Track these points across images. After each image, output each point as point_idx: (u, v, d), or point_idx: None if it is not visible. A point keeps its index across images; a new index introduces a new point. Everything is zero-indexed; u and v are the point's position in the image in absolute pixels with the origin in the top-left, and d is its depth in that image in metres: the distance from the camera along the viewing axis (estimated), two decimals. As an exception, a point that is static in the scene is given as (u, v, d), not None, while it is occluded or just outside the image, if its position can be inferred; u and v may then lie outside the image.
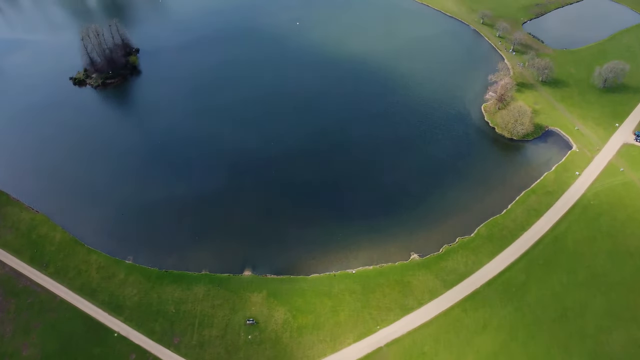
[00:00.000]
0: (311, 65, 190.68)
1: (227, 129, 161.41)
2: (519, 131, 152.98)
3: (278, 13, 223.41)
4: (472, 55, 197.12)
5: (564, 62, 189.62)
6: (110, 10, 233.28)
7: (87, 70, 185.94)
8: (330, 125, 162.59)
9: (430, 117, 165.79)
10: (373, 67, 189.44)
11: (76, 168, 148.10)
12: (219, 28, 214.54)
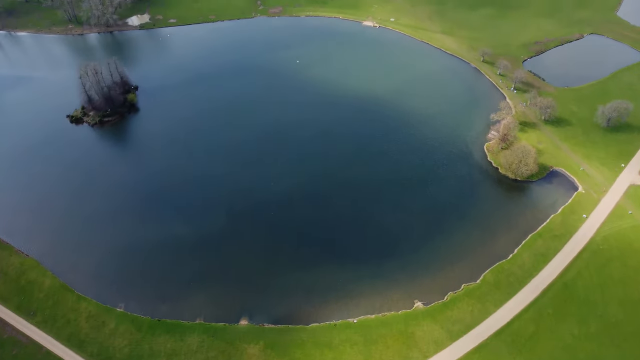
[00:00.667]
0: (311, 103, 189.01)
1: (225, 169, 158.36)
2: (524, 172, 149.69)
3: (278, 51, 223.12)
4: (473, 93, 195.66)
5: (565, 100, 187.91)
6: (111, 48, 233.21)
7: (84, 108, 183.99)
8: (330, 165, 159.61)
9: (432, 156, 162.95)
10: (374, 105, 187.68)
11: (69, 208, 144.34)
12: (219, 65, 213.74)
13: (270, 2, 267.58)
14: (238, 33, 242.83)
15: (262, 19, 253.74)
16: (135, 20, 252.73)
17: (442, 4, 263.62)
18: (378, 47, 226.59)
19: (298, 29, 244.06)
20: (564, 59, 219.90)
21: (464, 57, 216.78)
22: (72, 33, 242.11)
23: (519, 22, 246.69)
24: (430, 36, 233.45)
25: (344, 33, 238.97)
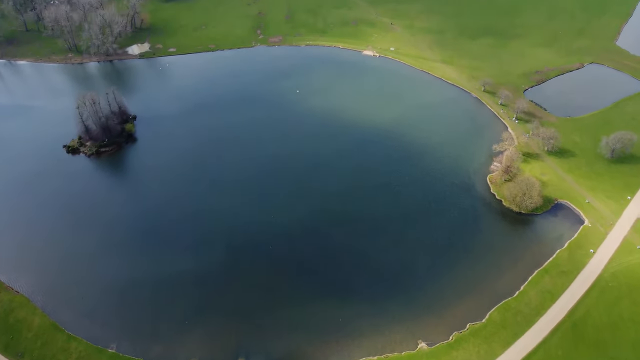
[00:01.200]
0: (311, 134, 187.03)
1: (223, 201, 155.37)
2: (528, 205, 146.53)
3: (278, 80, 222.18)
4: (475, 123, 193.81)
5: (568, 130, 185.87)
6: (111, 77, 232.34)
7: (81, 138, 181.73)
8: (331, 197, 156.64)
9: (435, 188, 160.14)
10: (374, 135, 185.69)
11: (62, 243, 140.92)
12: (218, 95, 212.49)
13: (270, 32, 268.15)
14: (238, 62, 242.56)
15: (262, 48, 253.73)
16: (135, 49, 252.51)
17: (441, 34, 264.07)
18: (378, 77, 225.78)
19: (298, 58, 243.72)
20: (565, 89, 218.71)
21: (464, 87, 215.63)
22: (71, 62, 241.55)
23: (518, 52, 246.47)
24: (430, 65, 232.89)
25: (344, 62, 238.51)
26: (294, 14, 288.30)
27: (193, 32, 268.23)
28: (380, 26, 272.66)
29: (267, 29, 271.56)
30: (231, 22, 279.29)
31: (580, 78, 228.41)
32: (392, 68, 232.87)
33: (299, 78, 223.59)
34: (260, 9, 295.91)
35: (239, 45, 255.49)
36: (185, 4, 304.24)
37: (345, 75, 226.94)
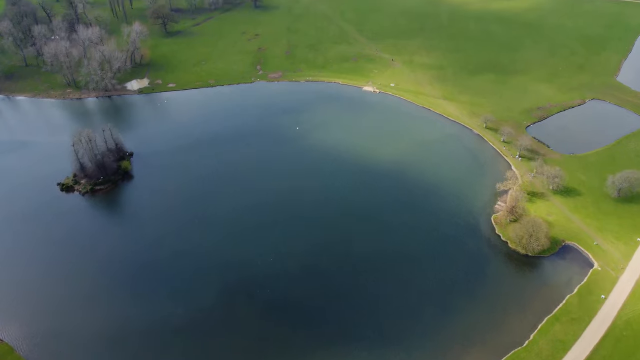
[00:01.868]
0: (311, 171, 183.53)
1: (220, 241, 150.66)
2: (535, 247, 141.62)
3: (277, 116, 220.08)
4: (477, 161, 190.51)
5: (572, 168, 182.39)
6: (109, 112, 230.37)
7: (76, 176, 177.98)
8: (331, 238, 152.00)
9: (438, 228, 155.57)
10: (376, 172, 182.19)
11: (51, 286, 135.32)
12: (217, 131, 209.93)
13: (269, 67, 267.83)
14: (237, 98, 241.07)
15: (262, 83, 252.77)
16: (135, 85, 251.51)
17: (442, 69, 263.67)
18: (379, 113, 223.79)
19: (298, 94, 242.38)
20: (567, 125, 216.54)
21: (466, 124, 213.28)
22: (70, 97, 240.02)
23: (519, 88, 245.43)
24: (431, 101, 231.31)
25: (344, 98, 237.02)
26: (294, 50, 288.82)
27: (193, 68, 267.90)
28: (380, 62, 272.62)
29: (267, 64, 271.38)
30: (231, 58, 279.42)
31: (582, 114, 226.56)
32: (393, 104, 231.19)
33: (298, 114, 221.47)
34: (260, 45, 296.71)
35: (239, 81, 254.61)
36: (185, 39, 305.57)
37: (345, 111, 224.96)
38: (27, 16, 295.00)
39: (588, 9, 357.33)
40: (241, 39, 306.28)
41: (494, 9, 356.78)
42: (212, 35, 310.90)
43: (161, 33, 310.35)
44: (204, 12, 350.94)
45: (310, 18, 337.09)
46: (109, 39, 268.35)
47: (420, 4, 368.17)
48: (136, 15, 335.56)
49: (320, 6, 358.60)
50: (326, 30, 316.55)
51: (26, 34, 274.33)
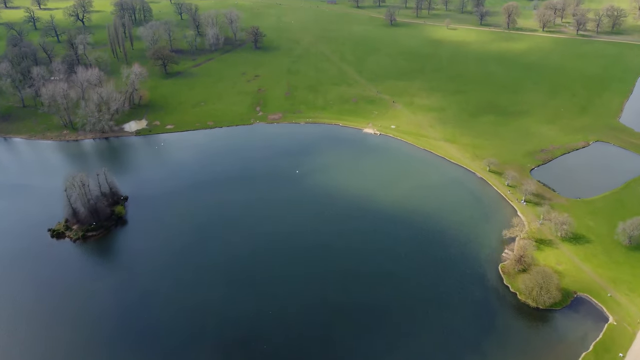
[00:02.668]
0: (310, 217, 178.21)
1: (216, 291, 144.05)
2: (546, 300, 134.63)
3: (276, 159, 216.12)
4: (482, 206, 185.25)
5: (580, 214, 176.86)
6: (105, 155, 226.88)
7: (67, 222, 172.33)
8: (331, 287, 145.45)
9: (444, 277, 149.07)
10: (377, 218, 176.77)
11: (35, 344, 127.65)
12: (215, 174, 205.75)
13: (269, 109, 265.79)
14: (236, 140, 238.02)
15: (261, 125, 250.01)
16: (133, 126, 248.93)
17: (442, 111, 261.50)
18: (380, 156, 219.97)
19: (297, 136, 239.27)
20: (572, 168, 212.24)
21: (468, 167, 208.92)
22: (66, 139, 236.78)
23: (521, 130, 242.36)
24: (432, 144, 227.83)
25: (344, 140, 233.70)
26: (294, 91, 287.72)
27: (192, 109, 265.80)
28: (380, 103, 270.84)
29: (267, 105, 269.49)
30: (231, 99, 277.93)
31: (587, 157, 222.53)
32: (394, 146, 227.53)
33: (298, 157, 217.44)
34: (260, 86, 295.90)
35: (238, 123, 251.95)
36: (185, 80, 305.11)
37: (345, 154, 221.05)
38: (27, 57, 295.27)
39: (587, 50, 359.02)
40: (241, 79, 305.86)
41: (493, 50, 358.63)
42: (212, 76, 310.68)
43: (161, 74, 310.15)
44: (204, 53, 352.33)
45: (310, 59, 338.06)
46: (108, 80, 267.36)
47: (419, 45, 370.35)
48: (137, 56, 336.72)
49: (320, 47, 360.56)
50: (326, 71, 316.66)
51: (25, 75, 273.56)
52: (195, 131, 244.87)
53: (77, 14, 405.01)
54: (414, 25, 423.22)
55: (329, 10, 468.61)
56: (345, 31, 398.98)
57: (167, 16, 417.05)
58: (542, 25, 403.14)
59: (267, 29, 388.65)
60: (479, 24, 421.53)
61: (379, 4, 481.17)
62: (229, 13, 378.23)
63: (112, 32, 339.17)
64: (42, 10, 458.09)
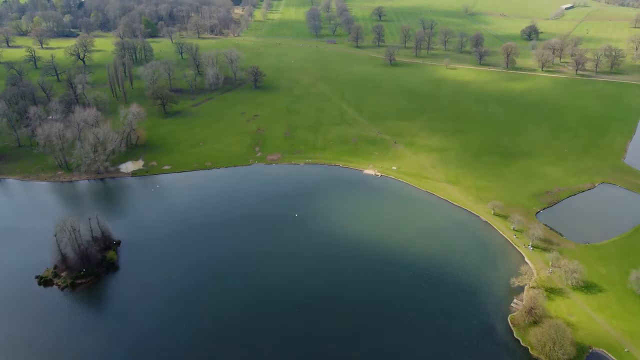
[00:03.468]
0: (309, 263, 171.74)
1: (208, 341, 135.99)
2: (560, 356, 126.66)
3: (275, 201, 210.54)
4: (487, 251, 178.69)
5: (590, 260, 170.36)
6: (99, 196, 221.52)
7: (56, 268, 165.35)
8: (333, 338, 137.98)
9: (450, 328, 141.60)
10: (379, 264, 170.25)
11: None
12: (212, 216, 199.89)
13: (268, 149, 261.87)
14: (234, 181, 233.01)
15: (260, 166, 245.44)
16: (129, 166, 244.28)
17: (444, 152, 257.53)
18: (381, 198, 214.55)
19: (297, 178, 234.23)
20: (579, 211, 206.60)
21: (472, 210, 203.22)
22: (60, 180, 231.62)
23: (525, 171, 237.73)
24: (434, 186, 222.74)
25: (345, 182, 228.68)
26: (293, 131, 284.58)
27: (190, 149, 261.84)
28: (381, 144, 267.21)
29: (266, 146, 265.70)
30: (229, 139, 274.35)
31: (594, 199, 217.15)
32: (395, 188, 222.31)
33: (297, 199, 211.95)
34: (259, 125, 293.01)
35: (236, 163, 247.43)
36: (184, 119, 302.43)
37: (346, 196, 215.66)
38: (25, 97, 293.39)
39: (587, 90, 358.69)
40: (240, 119, 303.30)
41: (493, 90, 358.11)
42: (211, 116, 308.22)
43: (160, 113, 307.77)
44: (204, 93, 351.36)
45: (310, 99, 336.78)
46: (105, 119, 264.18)
47: (419, 84, 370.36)
48: (136, 95, 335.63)
49: (320, 87, 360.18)
50: (326, 111, 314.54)
51: (22, 115, 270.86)
52: (192, 172, 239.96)
53: (78, 53, 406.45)
54: (414, 65, 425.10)
55: (329, 50, 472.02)
56: (345, 71, 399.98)
57: (167, 55, 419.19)
58: (541, 65, 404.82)
59: (267, 68, 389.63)
60: (478, 64, 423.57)
61: (378, 44, 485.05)
62: (229, 53, 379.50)
63: (112, 72, 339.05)
64: (43, 49, 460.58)
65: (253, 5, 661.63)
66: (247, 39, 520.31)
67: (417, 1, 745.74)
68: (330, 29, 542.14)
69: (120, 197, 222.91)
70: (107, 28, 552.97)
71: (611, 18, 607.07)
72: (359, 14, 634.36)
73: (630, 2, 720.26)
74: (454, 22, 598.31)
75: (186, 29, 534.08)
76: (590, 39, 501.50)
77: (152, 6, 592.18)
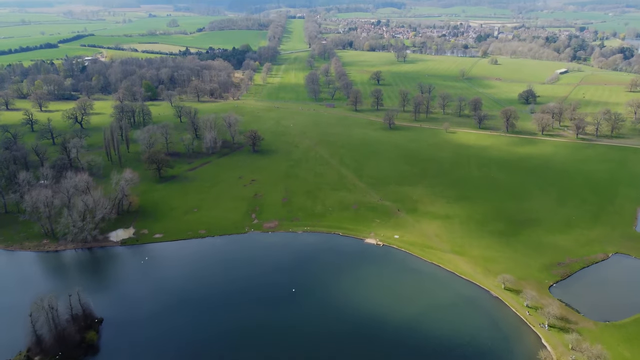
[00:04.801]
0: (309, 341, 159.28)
1: None
2: None
3: (271, 275, 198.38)
4: (500, 331, 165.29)
5: (613, 342, 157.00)
6: (84, 268, 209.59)
7: (30, 351, 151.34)
8: None
9: None
10: (382, 344, 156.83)
11: None
12: (203, 291, 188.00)
13: (265, 216, 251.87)
14: (228, 251, 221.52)
15: (256, 234, 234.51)
16: (120, 234, 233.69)
17: (448, 219, 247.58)
18: (384, 271, 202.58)
19: (294, 247, 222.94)
20: (594, 284, 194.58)
21: (481, 284, 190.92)
22: (45, 249, 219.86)
23: (534, 240, 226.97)
24: (440, 256, 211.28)
25: (345, 252, 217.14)
26: (291, 196, 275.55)
27: (184, 216, 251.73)
28: (382, 210, 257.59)
29: (263, 212, 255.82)
30: (225, 205, 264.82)
31: (608, 271, 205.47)
32: (399, 259, 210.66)
33: (294, 272, 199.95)
34: (257, 190, 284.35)
35: (232, 231, 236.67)
36: (179, 184, 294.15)
37: (347, 268, 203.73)
38: (17, 161, 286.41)
39: (590, 154, 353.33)
40: (237, 184, 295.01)
41: (494, 154, 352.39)
42: (208, 181, 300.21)
43: (155, 178, 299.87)
44: (201, 156, 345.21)
45: (309, 163, 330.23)
46: (98, 185, 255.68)
47: (419, 148, 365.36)
48: (132, 159, 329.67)
49: (319, 151, 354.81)
50: (325, 175, 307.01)
51: (11, 180, 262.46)
52: (185, 241, 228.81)
53: (75, 116, 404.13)
54: (413, 129, 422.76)
55: (328, 114, 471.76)
56: (344, 134, 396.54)
57: (166, 118, 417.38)
58: (541, 129, 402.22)
59: (265, 132, 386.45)
60: (477, 127, 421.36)
61: (377, 108, 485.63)
62: (227, 117, 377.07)
63: (108, 135, 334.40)
64: (42, 112, 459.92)
65: (253, 70, 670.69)
66: (246, 102, 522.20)
67: (415, 66, 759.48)
68: (329, 93, 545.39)
69: (106, 269, 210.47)
70: (107, 91, 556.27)
71: (606, 82, 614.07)
72: (358, 78, 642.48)
73: (623, 67, 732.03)
74: (452, 85, 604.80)
75: (186, 92, 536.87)
76: (587, 103, 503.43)
77: (153, 70, 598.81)
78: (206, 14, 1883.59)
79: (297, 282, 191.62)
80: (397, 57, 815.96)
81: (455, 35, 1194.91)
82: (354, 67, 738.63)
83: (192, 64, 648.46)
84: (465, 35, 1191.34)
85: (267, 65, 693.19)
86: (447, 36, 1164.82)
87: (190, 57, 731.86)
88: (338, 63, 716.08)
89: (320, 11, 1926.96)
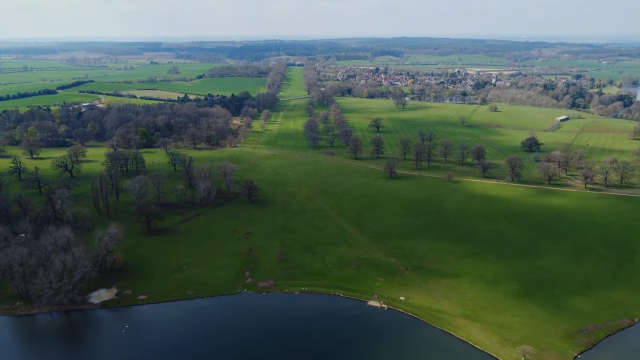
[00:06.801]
0: None
1: None
2: None
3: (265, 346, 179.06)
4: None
5: None
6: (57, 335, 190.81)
7: None
8: None
9: None
10: None
11: None
12: None
13: (260, 274, 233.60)
14: (217, 316, 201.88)
15: (249, 295, 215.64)
16: (101, 294, 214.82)
17: (456, 278, 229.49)
18: (390, 341, 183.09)
19: (291, 311, 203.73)
20: (624, 355, 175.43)
21: (499, 356, 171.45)
22: (17, 313, 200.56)
23: (551, 303, 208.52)
24: (451, 322, 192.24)
25: (346, 318, 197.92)
26: (288, 252, 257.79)
27: (171, 274, 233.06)
28: (385, 267, 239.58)
29: (258, 270, 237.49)
30: (217, 262, 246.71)
31: (637, 339, 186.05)
32: (406, 326, 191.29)
33: (291, 342, 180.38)
34: (251, 245, 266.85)
35: (222, 292, 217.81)
36: (169, 238, 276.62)
37: (349, 338, 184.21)
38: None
39: (601, 206, 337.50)
40: (231, 238, 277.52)
41: (501, 206, 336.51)
42: (200, 234, 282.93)
43: (143, 231, 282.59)
44: (194, 207, 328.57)
45: (307, 215, 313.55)
46: (79, 241, 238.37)
47: (422, 199, 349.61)
48: (121, 210, 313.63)
49: (318, 202, 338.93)
50: (324, 229, 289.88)
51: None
52: (171, 303, 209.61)
53: (65, 164, 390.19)
54: (415, 178, 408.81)
55: (327, 162, 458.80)
56: (344, 184, 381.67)
57: (160, 166, 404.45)
58: (548, 178, 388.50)
59: (262, 181, 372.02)
60: (481, 176, 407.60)
61: (377, 155, 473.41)
62: (223, 166, 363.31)
63: (97, 185, 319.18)
64: (33, 159, 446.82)
65: (252, 116, 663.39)
66: (243, 149, 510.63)
67: (414, 113, 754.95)
68: (329, 140, 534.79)
69: (80, 339, 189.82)
70: (102, 138, 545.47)
71: (608, 129, 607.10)
72: (357, 125, 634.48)
73: (623, 115, 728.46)
74: (452, 131, 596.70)
75: (182, 140, 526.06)
76: (592, 150, 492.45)
77: (150, 117, 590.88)
78: (207, 61, 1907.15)
79: (294, 355, 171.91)
80: (396, 104, 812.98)
81: (453, 82, 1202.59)
82: (353, 114, 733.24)
83: (190, 111, 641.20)
84: (463, 82, 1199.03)
85: (266, 112, 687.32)
86: (445, 83, 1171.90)
87: (189, 104, 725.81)
88: (337, 110, 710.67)
89: (319, 59, 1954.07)
